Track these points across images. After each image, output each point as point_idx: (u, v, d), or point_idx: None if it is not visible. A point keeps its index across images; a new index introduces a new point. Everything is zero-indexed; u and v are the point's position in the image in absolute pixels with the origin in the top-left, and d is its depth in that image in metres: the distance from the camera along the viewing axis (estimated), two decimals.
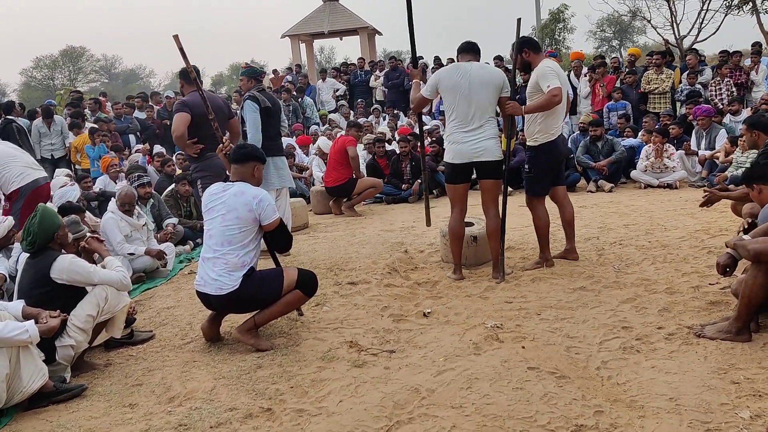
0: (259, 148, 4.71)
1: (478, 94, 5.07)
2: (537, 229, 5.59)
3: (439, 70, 5.41)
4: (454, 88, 5.12)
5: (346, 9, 23.15)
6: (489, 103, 5.13)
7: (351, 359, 3.87)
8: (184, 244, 7.65)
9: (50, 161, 11.59)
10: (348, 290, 5.25)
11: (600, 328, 4.09)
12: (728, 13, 17.66)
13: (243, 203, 4.11)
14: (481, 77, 5.10)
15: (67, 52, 50.52)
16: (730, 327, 3.73)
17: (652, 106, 11.63)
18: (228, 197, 4.17)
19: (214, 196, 4.27)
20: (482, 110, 5.10)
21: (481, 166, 5.20)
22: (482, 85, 5.08)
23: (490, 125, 5.17)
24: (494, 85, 5.12)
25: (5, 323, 3.44)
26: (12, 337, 3.40)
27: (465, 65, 5.19)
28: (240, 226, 4.11)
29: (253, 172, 4.33)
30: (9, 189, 5.77)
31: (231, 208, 4.12)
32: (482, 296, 4.94)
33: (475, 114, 5.09)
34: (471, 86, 5.06)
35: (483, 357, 3.70)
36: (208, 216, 4.26)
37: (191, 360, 4.12)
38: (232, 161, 4.37)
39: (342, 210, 9.36)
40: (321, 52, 52.73)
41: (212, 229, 4.19)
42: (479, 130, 5.11)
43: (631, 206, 8.09)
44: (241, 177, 4.31)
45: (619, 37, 47.89)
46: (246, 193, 4.16)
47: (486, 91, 5.09)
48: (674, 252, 5.68)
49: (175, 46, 5.09)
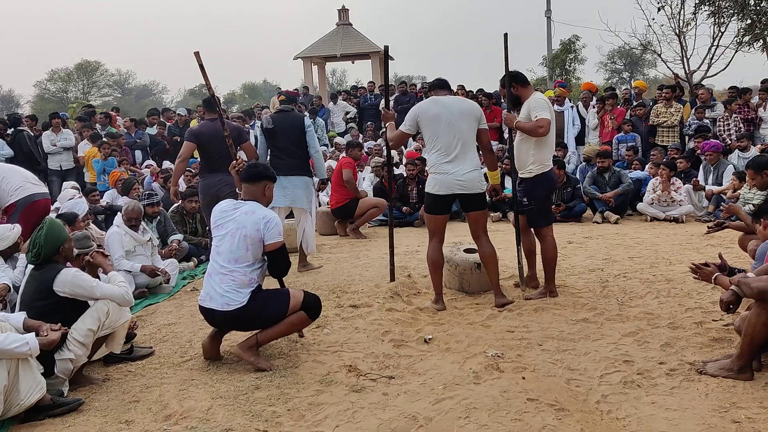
0: (269, 167, 4.74)
1: (458, 125, 5.11)
2: (545, 260, 5.55)
3: (415, 106, 5.43)
4: (434, 119, 5.14)
5: (359, 33, 23.40)
6: (470, 134, 5.17)
7: (349, 383, 3.85)
8: (188, 260, 7.67)
9: (58, 173, 11.67)
10: (349, 313, 5.24)
11: (601, 361, 4.06)
12: (738, 49, 17.72)
13: (252, 222, 4.14)
14: (460, 108, 5.17)
15: (82, 65, 51.01)
16: (732, 365, 3.69)
17: (661, 139, 11.65)
18: (239, 215, 4.20)
19: (224, 213, 4.29)
20: (464, 140, 5.13)
21: (465, 198, 5.23)
22: (462, 115, 5.13)
23: (472, 156, 5.21)
24: (473, 116, 5.18)
25: (6, 335, 3.44)
26: (12, 349, 3.40)
27: (443, 98, 5.26)
28: (248, 245, 4.13)
29: (264, 191, 4.36)
30: (6, 202, 5.76)
31: (240, 226, 4.15)
32: (484, 324, 4.92)
33: (458, 144, 5.11)
34: (452, 117, 5.11)
35: (482, 386, 3.67)
36: (217, 232, 4.28)
37: (189, 378, 4.11)
38: (243, 180, 4.41)
39: (347, 232, 9.37)
40: (333, 74, 53.20)
41: (220, 246, 4.21)
42: (462, 161, 5.12)
43: (636, 239, 8.07)
44: (252, 196, 4.34)
45: (629, 69, 48.12)
46: (257, 212, 4.19)
47: (466, 122, 5.14)
48: (678, 287, 5.65)
49: (196, 63, 5.12)
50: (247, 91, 53.74)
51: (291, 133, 6.72)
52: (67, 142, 11.80)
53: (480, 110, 5.28)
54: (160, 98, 58.55)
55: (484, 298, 5.61)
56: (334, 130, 15.67)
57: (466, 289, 5.77)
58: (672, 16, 18.19)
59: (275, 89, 27.28)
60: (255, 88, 56.28)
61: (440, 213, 5.31)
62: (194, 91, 54.96)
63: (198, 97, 49.59)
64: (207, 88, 5.50)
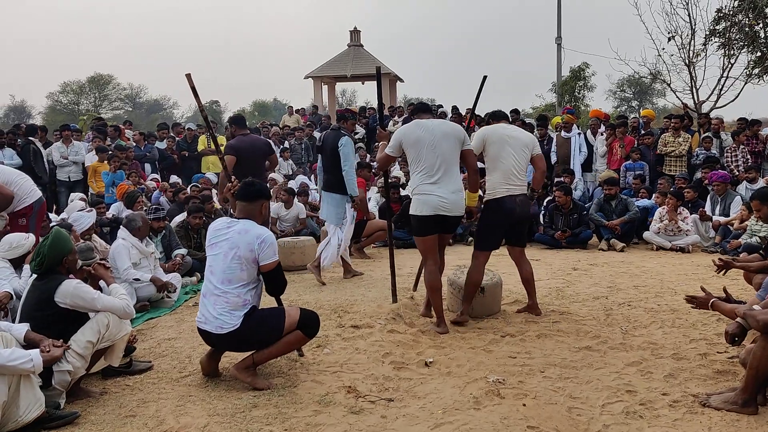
0: (265, 185, 4.69)
1: (441, 146, 5.13)
2: (466, 283, 5.58)
3: (399, 129, 5.46)
4: (417, 141, 5.17)
5: (370, 54, 23.61)
6: (452, 155, 5.18)
7: (348, 405, 3.81)
8: (191, 275, 7.66)
9: (67, 184, 11.71)
10: (350, 333, 5.20)
11: (603, 390, 4.01)
12: (748, 81, 17.75)
13: (246, 242, 4.09)
14: (442, 130, 5.19)
15: (95, 78, 51.49)
16: (736, 398, 3.64)
17: (668, 168, 11.63)
18: (232, 234, 4.14)
19: (218, 232, 4.24)
20: (447, 162, 5.14)
21: (445, 220, 5.22)
22: (444, 137, 5.15)
23: (456, 177, 5.22)
24: (456, 137, 5.19)
25: (11, 350, 3.43)
26: (16, 365, 3.38)
27: (425, 121, 5.29)
28: (241, 265, 4.09)
29: (260, 209, 4.31)
30: (23, 204, 5.90)
31: (233, 245, 4.10)
32: (486, 349, 4.87)
33: (441, 165, 5.13)
34: (434, 138, 5.13)
35: (482, 412, 3.63)
36: (211, 251, 4.23)
37: (187, 394, 4.07)
38: (239, 198, 4.33)
39: (351, 252, 9.34)
40: (342, 94, 53.53)
41: (213, 265, 4.18)
42: (445, 182, 5.14)
43: (642, 267, 8.03)
44: (246, 214, 4.26)
45: (638, 98, 48.25)
46: (250, 232, 4.13)
47: (448, 143, 5.15)
48: (683, 317, 5.60)
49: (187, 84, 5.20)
50: (257, 109, 54.00)
51: (330, 151, 7.11)
52: (78, 156, 11.85)
53: (463, 131, 5.29)
54: (171, 113, 58.89)
55: (486, 323, 5.57)
56: None
57: (470, 313, 5.72)
58: (682, 46, 18.27)
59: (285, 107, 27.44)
60: (265, 106, 56.60)
61: (428, 233, 5.28)
62: (204, 107, 55.30)
63: (208, 113, 49.87)
64: (200, 109, 5.58)
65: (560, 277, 7.49)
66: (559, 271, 7.82)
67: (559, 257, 8.92)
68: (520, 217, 5.54)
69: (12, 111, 53.88)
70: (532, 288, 5.81)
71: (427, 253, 5.37)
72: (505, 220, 5.49)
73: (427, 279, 5.38)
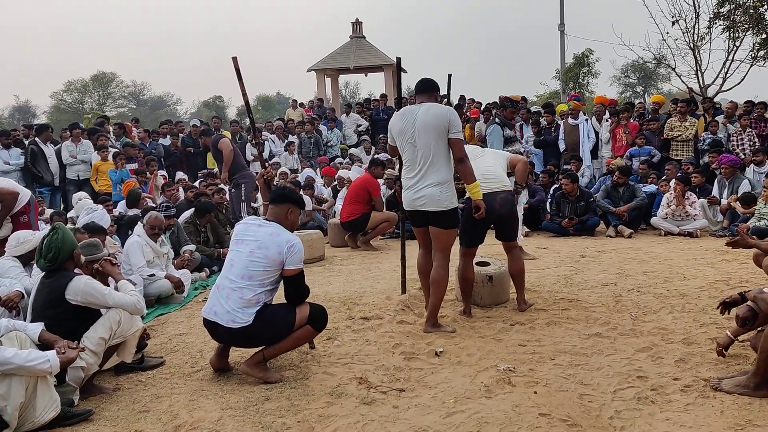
0: (297, 192, 4.58)
1: (420, 139, 4.81)
2: (459, 282, 5.52)
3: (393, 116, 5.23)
4: (400, 134, 4.96)
5: (373, 46, 23.53)
6: (435, 148, 4.80)
7: (360, 396, 3.83)
8: (200, 270, 7.69)
9: (76, 182, 11.75)
10: (360, 325, 5.22)
11: (614, 377, 4.01)
12: (753, 63, 17.61)
13: (275, 244, 4.09)
14: (424, 121, 4.81)
15: (98, 77, 51.58)
16: (748, 381, 3.64)
17: (675, 153, 11.59)
18: (262, 234, 4.14)
19: (248, 229, 4.24)
20: (427, 156, 4.81)
21: (424, 215, 5.00)
22: (425, 129, 4.79)
23: (436, 171, 4.84)
24: (436, 128, 4.77)
25: (29, 351, 3.45)
26: (34, 366, 3.40)
27: (412, 109, 4.93)
28: (265, 265, 4.08)
29: (287, 214, 4.28)
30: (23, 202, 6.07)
31: (262, 245, 4.10)
32: (496, 338, 4.88)
33: (420, 159, 4.86)
34: (415, 131, 4.83)
35: (494, 401, 3.64)
36: (236, 246, 4.22)
37: (199, 389, 4.10)
38: (270, 200, 4.38)
39: (358, 244, 9.37)
40: (346, 86, 53.39)
41: (235, 259, 4.17)
42: (422, 177, 4.87)
43: (650, 253, 8.01)
44: (275, 217, 4.28)
45: (643, 83, 47.98)
46: (281, 235, 4.14)
47: (428, 136, 4.79)
48: (693, 302, 5.59)
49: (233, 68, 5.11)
50: (260, 103, 53.98)
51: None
52: (86, 155, 11.88)
53: (449, 118, 4.78)
54: (175, 109, 58.97)
55: (495, 312, 5.57)
56: (346, 143, 15.75)
57: (478, 302, 5.73)
58: (686, 30, 18.13)
59: (289, 101, 27.43)
60: (269, 100, 56.57)
61: (416, 226, 5.16)
62: (208, 103, 55.32)
63: (212, 109, 49.91)
64: (242, 94, 5.34)
65: (568, 264, 7.48)
66: (567, 259, 7.81)
67: (567, 245, 8.91)
68: (501, 215, 5.32)
69: (17, 111, 54.05)
70: (518, 283, 5.62)
71: (418, 240, 5.29)
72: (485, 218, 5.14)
73: (417, 262, 5.32)
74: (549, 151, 12.84)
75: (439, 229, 4.97)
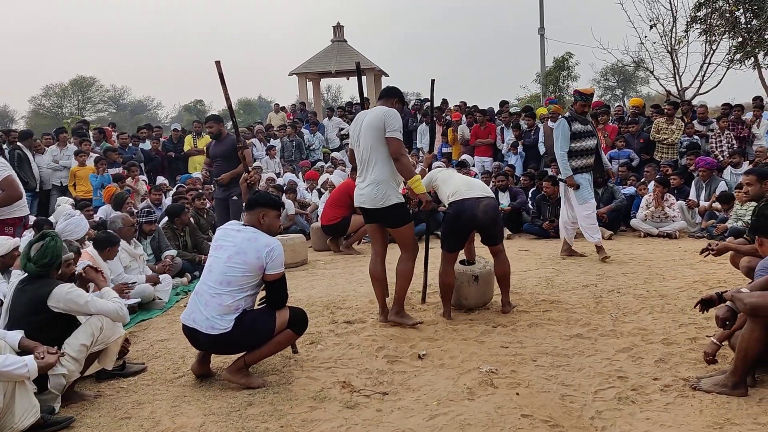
0: (268, 194, 4.57)
1: (364, 140, 5.02)
2: (439, 285, 5.57)
3: None
4: (351, 137, 5.23)
5: (354, 49, 23.56)
6: (375, 147, 4.96)
7: (343, 400, 3.83)
8: (181, 276, 7.64)
9: (59, 188, 11.63)
10: (344, 329, 5.22)
11: (595, 377, 4.06)
12: (730, 66, 17.88)
13: (254, 249, 4.08)
14: (367, 122, 5.02)
15: (77, 81, 51.09)
16: (726, 381, 3.69)
17: (659, 155, 11.68)
18: (240, 239, 4.14)
19: (226, 234, 4.24)
20: (370, 155, 5.00)
21: (368, 212, 5.14)
22: (367, 129, 5.01)
23: (374, 170, 4.99)
24: (374, 129, 4.95)
25: (5, 357, 3.42)
26: (11, 371, 3.37)
27: (363, 113, 5.15)
28: (244, 270, 4.07)
29: (259, 219, 4.26)
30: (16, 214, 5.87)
31: (240, 250, 4.09)
32: (478, 340, 4.91)
33: (364, 159, 5.05)
34: (360, 133, 5.07)
35: (477, 402, 3.66)
36: (215, 252, 4.21)
37: (182, 395, 4.08)
38: (245, 208, 4.39)
39: (341, 248, 9.37)
40: (328, 90, 53.34)
41: (214, 265, 4.16)
42: (364, 177, 5.06)
43: (630, 254, 8.09)
44: (250, 223, 4.28)
45: (622, 86, 48.44)
46: (259, 240, 4.13)
47: (369, 136, 4.99)
48: (672, 302, 5.66)
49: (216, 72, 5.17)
50: (242, 107, 53.78)
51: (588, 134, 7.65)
52: (68, 161, 11.76)
53: (384, 118, 4.92)
54: (155, 114, 58.51)
55: (478, 314, 5.60)
56: (329, 147, 15.75)
57: (464, 302, 5.71)
58: (664, 33, 18.39)
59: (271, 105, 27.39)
60: (251, 104, 56.37)
61: (366, 222, 5.31)
62: (189, 107, 54.99)
63: (192, 113, 49.58)
64: (225, 98, 5.46)
65: (549, 266, 7.54)
66: (548, 261, 7.87)
67: (548, 247, 8.97)
68: (483, 223, 5.35)
69: None
70: (503, 285, 5.67)
71: (371, 241, 5.40)
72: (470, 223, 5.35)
73: (369, 267, 5.37)
74: (530, 155, 12.94)
75: (392, 229, 5.15)
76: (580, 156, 7.61)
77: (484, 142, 13.45)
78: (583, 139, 7.60)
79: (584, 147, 7.58)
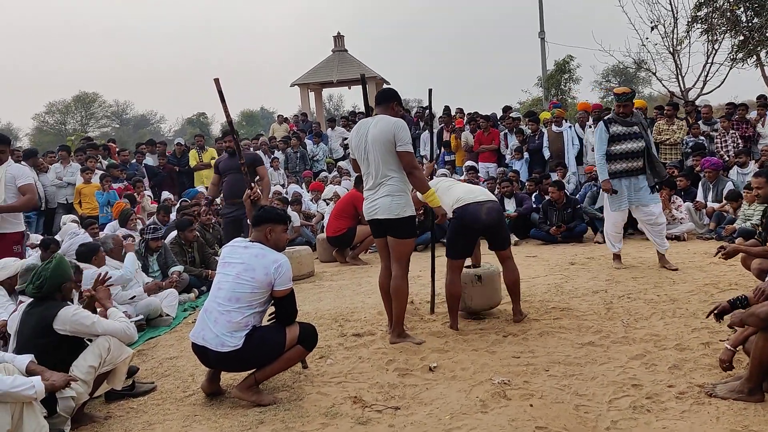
0: (274, 209, 4.50)
1: (371, 153, 4.90)
2: (446, 296, 5.47)
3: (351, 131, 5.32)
4: (356, 149, 5.07)
5: (355, 59, 23.59)
6: (385, 160, 4.87)
7: (355, 416, 3.79)
8: (188, 291, 7.62)
9: (65, 206, 11.63)
10: (353, 342, 5.19)
11: (609, 386, 4.01)
12: (733, 66, 17.84)
13: (262, 265, 4.06)
14: (373, 136, 4.88)
15: (80, 97, 51.35)
16: (742, 387, 3.64)
17: (663, 156, 11.62)
18: (248, 256, 4.12)
19: (234, 251, 4.22)
20: (379, 168, 4.89)
21: (379, 223, 5.04)
22: (374, 144, 4.88)
23: (389, 183, 4.90)
24: (383, 143, 4.84)
25: (14, 377, 3.40)
26: (18, 392, 3.35)
27: (365, 123, 5.04)
28: (253, 287, 4.05)
29: (266, 234, 4.23)
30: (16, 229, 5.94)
31: (249, 267, 4.07)
32: (489, 350, 4.86)
33: (373, 173, 4.94)
34: (367, 146, 4.92)
35: (490, 415, 3.62)
36: (223, 269, 4.20)
37: (192, 414, 4.05)
38: (251, 224, 4.36)
39: (347, 259, 9.34)
40: (330, 100, 53.43)
41: (222, 282, 4.14)
42: (377, 189, 4.95)
43: (639, 258, 8.03)
44: (257, 239, 4.26)
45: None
46: (267, 256, 4.11)
47: (376, 151, 4.88)
48: (683, 306, 5.60)
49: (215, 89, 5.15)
50: (245, 119, 53.90)
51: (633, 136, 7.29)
52: (73, 177, 11.77)
53: (393, 131, 4.82)
54: (158, 128, 58.76)
55: (488, 323, 5.55)
56: (332, 156, 15.75)
57: (469, 304, 5.66)
58: (665, 34, 18.36)
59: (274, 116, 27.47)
60: (253, 116, 56.50)
61: (376, 236, 5.22)
62: (192, 120, 55.17)
63: (196, 127, 49.74)
64: (225, 115, 5.46)
65: (558, 272, 7.49)
66: (556, 267, 7.82)
67: (555, 252, 8.93)
68: (488, 224, 5.31)
69: None
70: (513, 293, 5.61)
71: (379, 253, 5.33)
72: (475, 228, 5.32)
73: (378, 279, 5.29)
74: (534, 159, 12.90)
75: (394, 239, 5.01)
76: (620, 159, 7.20)
77: (488, 148, 13.42)
78: (622, 142, 7.17)
79: (624, 150, 7.16)
